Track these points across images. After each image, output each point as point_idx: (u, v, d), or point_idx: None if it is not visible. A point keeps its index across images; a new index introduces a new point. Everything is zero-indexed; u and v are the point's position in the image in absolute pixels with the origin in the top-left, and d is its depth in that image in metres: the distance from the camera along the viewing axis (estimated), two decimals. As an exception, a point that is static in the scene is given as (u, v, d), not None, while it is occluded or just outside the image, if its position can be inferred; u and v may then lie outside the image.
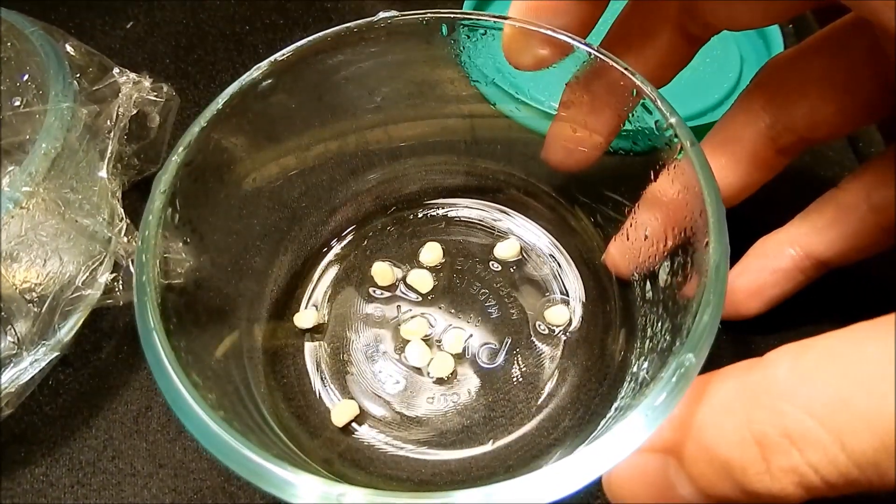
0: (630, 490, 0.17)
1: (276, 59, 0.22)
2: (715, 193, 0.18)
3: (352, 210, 0.28)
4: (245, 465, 0.15)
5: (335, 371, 0.24)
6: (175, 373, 0.16)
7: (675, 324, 0.18)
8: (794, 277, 0.24)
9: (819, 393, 0.14)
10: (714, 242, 0.17)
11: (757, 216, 0.24)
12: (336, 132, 0.26)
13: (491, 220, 0.28)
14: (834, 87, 0.21)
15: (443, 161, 0.28)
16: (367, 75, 0.25)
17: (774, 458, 0.14)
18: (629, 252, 0.25)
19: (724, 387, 0.15)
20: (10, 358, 0.22)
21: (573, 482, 0.14)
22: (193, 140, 0.20)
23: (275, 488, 0.14)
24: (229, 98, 0.21)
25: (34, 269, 0.22)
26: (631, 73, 0.20)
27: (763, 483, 0.14)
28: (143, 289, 0.17)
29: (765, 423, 0.14)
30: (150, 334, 0.17)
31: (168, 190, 0.19)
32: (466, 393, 0.24)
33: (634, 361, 0.22)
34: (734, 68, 0.34)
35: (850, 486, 0.14)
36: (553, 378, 0.24)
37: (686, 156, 0.19)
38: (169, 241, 0.19)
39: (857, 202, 0.22)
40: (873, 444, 0.13)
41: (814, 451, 0.14)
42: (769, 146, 0.22)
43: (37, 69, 0.23)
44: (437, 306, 0.26)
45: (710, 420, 0.15)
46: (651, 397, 0.15)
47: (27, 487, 0.23)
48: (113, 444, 0.24)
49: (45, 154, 0.20)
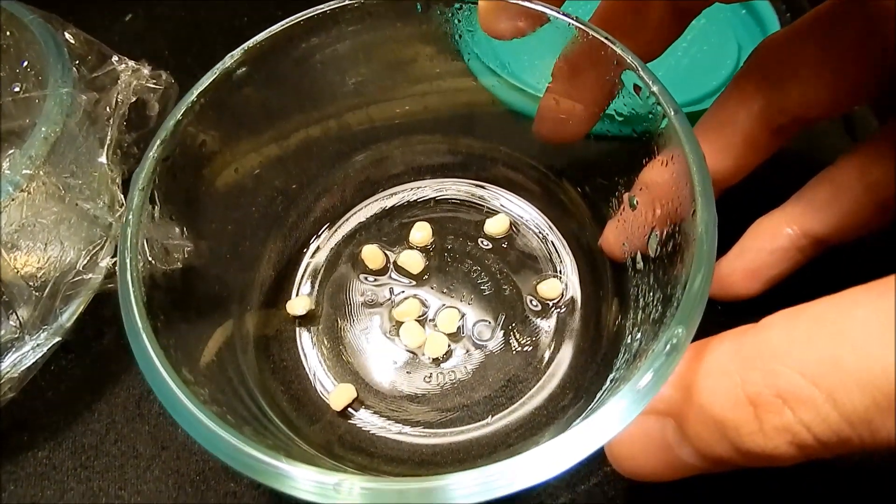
0: (630, 454, 0.18)
1: (249, 47, 0.22)
2: (700, 161, 0.18)
3: (338, 194, 0.28)
4: (240, 459, 0.15)
5: (330, 356, 0.25)
6: (165, 371, 0.16)
7: (665, 294, 0.19)
8: (792, 257, 0.24)
9: (811, 354, 0.14)
10: (701, 209, 0.17)
11: (754, 201, 0.24)
12: (316, 117, 0.26)
13: (478, 197, 0.28)
14: (827, 67, 0.21)
15: (427, 140, 0.28)
16: (343, 57, 0.24)
17: (767, 417, 0.14)
18: (622, 231, 0.25)
19: (720, 349, 0.16)
20: (13, 342, 0.23)
21: (566, 460, 0.14)
22: (169, 135, 0.20)
23: (272, 480, 0.14)
24: (203, 90, 0.21)
25: (35, 253, 0.22)
26: (611, 42, 0.20)
27: (757, 442, 0.14)
28: (128, 288, 0.17)
29: (758, 384, 0.14)
30: (138, 334, 0.17)
31: (147, 186, 0.19)
32: (464, 371, 0.24)
33: (628, 333, 0.22)
34: (731, 55, 0.34)
35: (843, 445, 0.14)
36: (549, 352, 0.24)
37: (670, 124, 0.19)
38: (155, 234, 0.19)
39: (852, 180, 0.22)
40: (864, 401, 0.13)
41: (806, 409, 0.14)
42: (763, 127, 0.22)
43: (36, 57, 0.24)
44: (430, 286, 0.26)
45: (706, 382, 0.16)
46: (641, 371, 0.15)
47: (31, 471, 0.23)
48: (115, 428, 0.24)
49: (45, 138, 0.20)
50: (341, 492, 0.14)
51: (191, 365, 0.18)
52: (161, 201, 0.19)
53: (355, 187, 0.28)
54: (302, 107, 0.25)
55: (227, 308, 0.24)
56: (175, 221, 0.20)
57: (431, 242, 0.27)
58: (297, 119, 0.25)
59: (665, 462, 0.17)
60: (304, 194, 0.27)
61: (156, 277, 0.19)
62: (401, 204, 0.28)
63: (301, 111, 0.25)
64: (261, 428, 0.20)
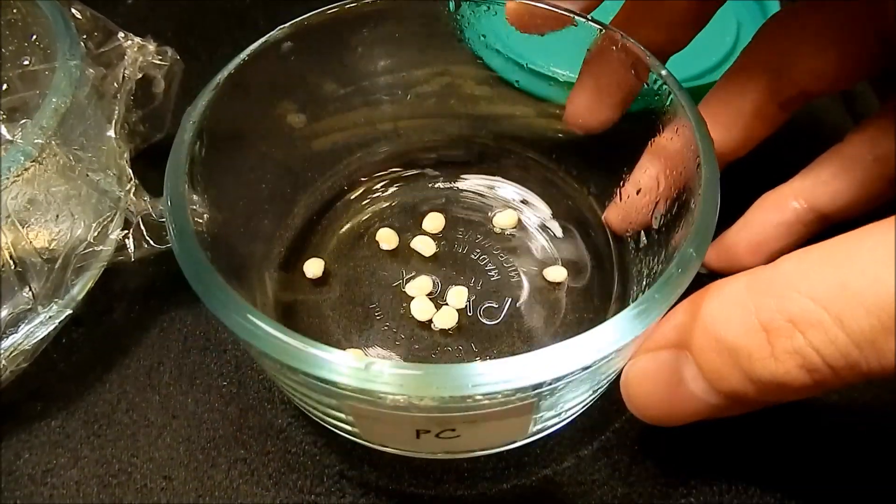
0: (643, 388, 0.18)
1: (299, 22, 0.23)
2: (703, 129, 0.19)
3: (357, 179, 0.29)
4: (282, 347, 0.16)
5: (342, 328, 0.25)
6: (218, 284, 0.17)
7: (669, 254, 0.19)
8: (797, 231, 0.24)
9: (821, 280, 0.15)
10: (705, 164, 0.18)
11: (757, 178, 0.25)
12: (346, 103, 0.27)
13: (491, 189, 0.29)
14: (835, 40, 0.21)
15: (444, 132, 0.29)
16: (378, 48, 0.26)
17: (779, 341, 0.15)
18: (625, 210, 0.25)
19: (735, 284, 0.16)
20: (26, 314, 0.23)
21: (584, 357, 0.15)
22: (223, 81, 0.21)
23: (312, 366, 0.15)
24: (251, 52, 0.22)
25: (47, 226, 0.23)
26: (622, 35, 0.21)
27: (768, 368, 0.15)
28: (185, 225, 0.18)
29: (770, 310, 0.15)
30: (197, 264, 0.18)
31: (197, 124, 0.20)
32: (470, 348, 0.24)
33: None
34: (731, 32, 0.34)
35: (851, 370, 0.14)
36: (555, 334, 0.25)
37: (676, 101, 0.20)
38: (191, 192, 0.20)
39: (861, 154, 0.23)
40: (870, 322, 0.14)
41: (815, 332, 0.14)
42: (771, 100, 0.23)
43: (44, 31, 0.24)
44: (440, 268, 0.27)
45: (719, 312, 0.16)
46: (654, 288, 0.16)
47: (44, 440, 0.23)
48: (127, 398, 0.24)
49: (55, 109, 0.21)
50: (371, 372, 0.15)
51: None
52: (206, 144, 0.20)
53: (374, 173, 0.29)
54: (335, 90, 0.26)
55: (245, 279, 0.24)
56: (199, 186, 0.20)
57: (443, 231, 0.28)
58: (327, 101, 0.27)
59: (679, 398, 0.17)
60: (322, 176, 0.28)
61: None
62: (416, 193, 0.29)
63: (333, 94, 0.26)
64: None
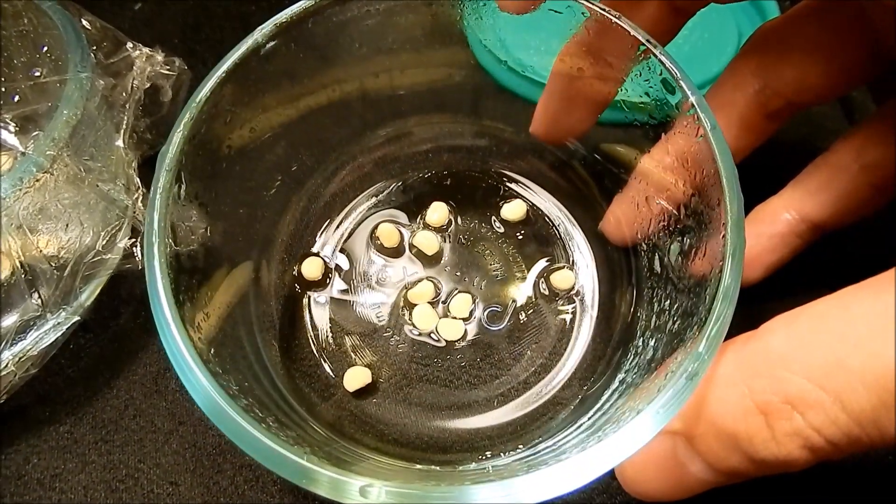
0: (643, 476, 0.17)
1: (279, 23, 0.21)
2: (726, 152, 0.18)
3: (356, 171, 0.28)
4: (271, 457, 0.15)
5: (342, 336, 0.25)
6: (202, 374, 0.16)
7: (685, 308, 0.18)
8: (791, 242, 0.24)
9: (815, 357, 0.14)
10: (729, 198, 0.17)
11: (754, 188, 0.25)
12: (339, 94, 0.26)
13: (497, 180, 0.28)
14: (821, 52, 0.21)
15: (448, 120, 0.28)
16: (369, 37, 0.24)
17: (778, 424, 0.14)
18: (632, 220, 0.25)
19: (724, 362, 0.16)
20: (35, 320, 0.23)
21: (586, 475, 0.15)
22: (196, 113, 0.20)
23: (299, 479, 0.15)
24: (230, 65, 0.20)
25: (57, 234, 0.23)
26: (631, 27, 0.20)
27: (770, 450, 0.14)
28: (155, 274, 0.17)
29: (766, 392, 0.14)
30: (167, 324, 0.17)
31: (174, 167, 0.19)
32: (473, 355, 0.24)
33: (640, 335, 0.22)
34: (732, 42, 0.34)
35: (853, 445, 0.14)
36: (558, 341, 0.24)
37: (694, 112, 0.19)
38: (176, 215, 0.19)
39: (848, 162, 0.22)
40: (871, 400, 0.13)
41: (815, 413, 0.14)
42: (758, 111, 0.23)
43: (55, 42, 0.24)
44: (444, 268, 0.26)
45: (714, 395, 0.15)
46: (663, 394, 0.15)
47: (53, 444, 0.24)
48: (134, 404, 0.24)
49: (66, 120, 0.21)
50: (369, 495, 0.14)
51: (214, 348, 0.18)
52: (186, 181, 0.19)
53: (374, 164, 0.28)
54: (325, 84, 0.25)
55: (245, 283, 0.24)
56: (196, 201, 0.20)
57: (447, 223, 0.27)
58: (319, 96, 0.25)
59: (677, 480, 0.17)
60: (322, 169, 0.27)
61: (181, 259, 0.19)
62: (418, 183, 0.28)
63: (324, 87, 0.25)
64: (283, 417, 0.20)
